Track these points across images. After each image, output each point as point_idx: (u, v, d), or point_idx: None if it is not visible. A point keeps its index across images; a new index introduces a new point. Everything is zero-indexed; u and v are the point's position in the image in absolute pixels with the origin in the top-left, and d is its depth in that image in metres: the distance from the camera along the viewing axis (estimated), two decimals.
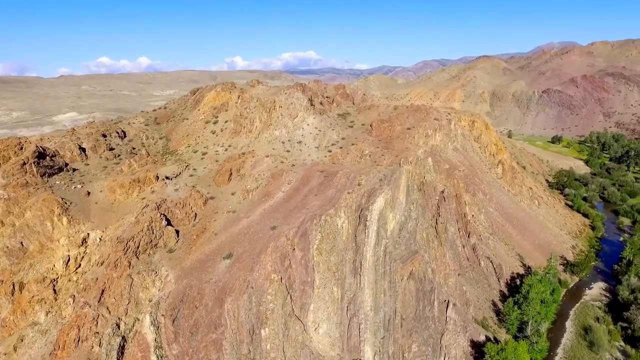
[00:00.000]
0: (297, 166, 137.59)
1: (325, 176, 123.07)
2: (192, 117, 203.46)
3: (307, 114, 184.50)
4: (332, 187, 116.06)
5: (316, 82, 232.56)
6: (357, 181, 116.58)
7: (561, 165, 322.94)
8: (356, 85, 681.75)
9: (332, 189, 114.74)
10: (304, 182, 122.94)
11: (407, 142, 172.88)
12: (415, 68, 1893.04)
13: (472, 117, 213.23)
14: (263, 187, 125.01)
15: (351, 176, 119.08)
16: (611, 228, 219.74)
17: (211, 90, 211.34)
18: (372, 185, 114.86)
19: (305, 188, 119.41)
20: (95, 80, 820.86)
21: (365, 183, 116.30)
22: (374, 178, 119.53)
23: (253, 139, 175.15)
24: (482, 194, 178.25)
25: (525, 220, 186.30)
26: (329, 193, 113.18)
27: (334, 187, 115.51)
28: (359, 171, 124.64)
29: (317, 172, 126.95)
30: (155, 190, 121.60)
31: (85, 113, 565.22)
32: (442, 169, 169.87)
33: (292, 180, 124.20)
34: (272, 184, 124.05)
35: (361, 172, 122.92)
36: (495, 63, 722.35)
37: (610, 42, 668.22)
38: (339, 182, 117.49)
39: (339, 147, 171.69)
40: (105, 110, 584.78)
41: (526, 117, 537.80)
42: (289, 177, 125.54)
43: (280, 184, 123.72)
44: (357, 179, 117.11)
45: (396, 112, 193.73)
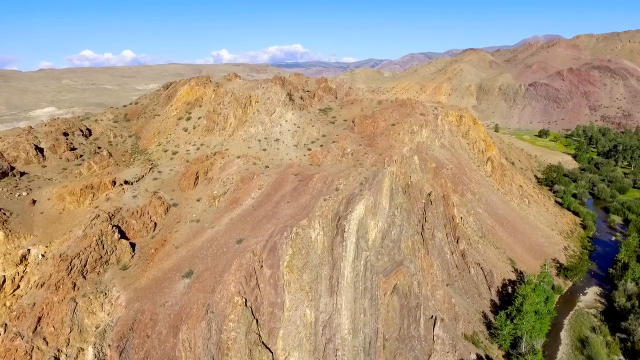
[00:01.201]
0: (271, 168, 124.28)
1: (299, 180, 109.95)
2: (164, 113, 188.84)
3: (285, 110, 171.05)
4: (307, 192, 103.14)
5: (297, 76, 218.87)
6: (334, 186, 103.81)
7: (549, 161, 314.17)
8: (342, 79, 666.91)
9: (306, 195, 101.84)
10: (276, 187, 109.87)
11: (392, 139, 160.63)
12: (402, 61, 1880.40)
13: (460, 112, 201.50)
14: (231, 193, 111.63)
15: (328, 180, 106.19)
16: (602, 227, 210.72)
17: (185, 85, 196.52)
18: (351, 190, 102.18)
19: (277, 194, 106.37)
20: (76, 74, 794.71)
21: (344, 188, 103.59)
22: (354, 182, 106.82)
23: (227, 137, 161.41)
24: (471, 194, 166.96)
25: (515, 221, 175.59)
26: (302, 200, 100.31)
27: (309, 193, 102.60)
28: (338, 174, 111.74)
29: (291, 175, 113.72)
30: (111, 197, 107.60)
31: (64, 108, 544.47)
32: (429, 167, 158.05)
33: (263, 184, 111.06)
34: (241, 189, 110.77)
35: (339, 175, 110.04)
36: (482, 56, 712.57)
37: (595, 35, 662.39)
38: (315, 187, 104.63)
39: (319, 145, 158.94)
40: (86, 104, 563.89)
41: (513, 111, 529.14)
42: (259, 181, 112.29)
43: (250, 189, 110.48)
44: (335, 184, 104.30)
45: (380, 107, 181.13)
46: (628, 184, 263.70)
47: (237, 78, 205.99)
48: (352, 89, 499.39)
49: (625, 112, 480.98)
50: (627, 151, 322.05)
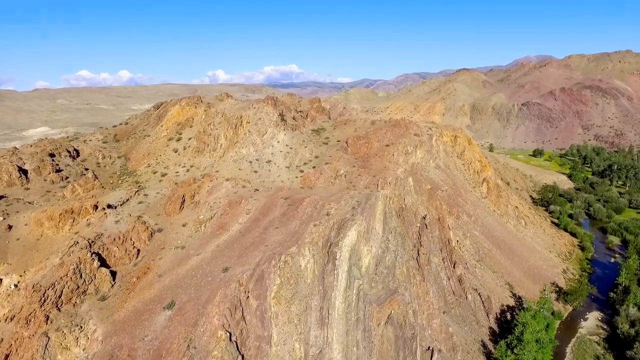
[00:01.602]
0: (261, 191, 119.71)
1: (289, 204, 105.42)
2: (155, 133, 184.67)
3: (277, 130, 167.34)
4: (297, 217, 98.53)
5: (290, 96, 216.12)
6: (325, 210, 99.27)
7: (545, 180, 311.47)
8: (336, 99, 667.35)
9: (296, 221, 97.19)
10: (265, 211, 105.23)
11: (386, 160, 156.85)
12: (396, 81, 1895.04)
13: (454, 132, 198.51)
14: (218, 218, 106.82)
15: (319, 204, 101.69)
16: (600, 248, 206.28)
17: (175, 105, 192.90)
18: (343, 215, 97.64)
19: (266, 219, 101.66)
20: (72, 93, 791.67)
21: (335, 212, 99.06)
22: (346, 206, 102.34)
23: (217, 159, 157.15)
24: (467, 216, 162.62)
25: (513, 243, 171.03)
26: (292, 225, 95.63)
27: (299, 218, 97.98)
28: (329, 198, 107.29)
29: (281, 199, 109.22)
30: (92, 222, 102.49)
31: (58, 128, 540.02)
32: (424, 189, 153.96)
33: (251, 209, 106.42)
34: (228, 214, 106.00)
35: (331, 199, 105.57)
36: (475, 76, 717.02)
37: (587, 55, 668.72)
38: (305, 211, 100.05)
39: (311, 166, 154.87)
40: (80, 124, 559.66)
41: (507, 130, 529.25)
42: (248, 205, 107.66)
43: (238, 214, 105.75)
44: (326, 208, 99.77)
45: (374, 128, 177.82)
46: (624, 203, 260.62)
47: (229, 98, 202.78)
48: (347, 109, 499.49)
49: (618, 132, 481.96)
50: (621, 170, 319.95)
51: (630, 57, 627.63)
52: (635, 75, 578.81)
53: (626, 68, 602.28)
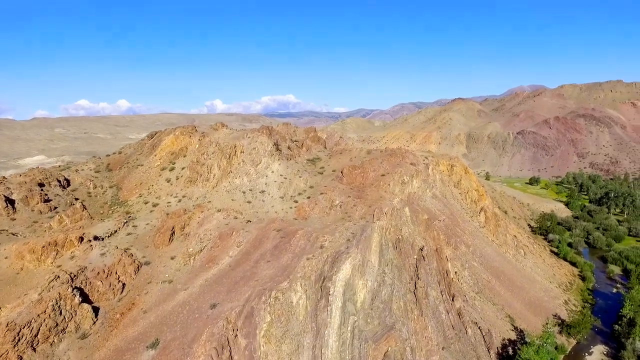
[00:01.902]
0: (253, 223, 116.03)
1: (281, 237, 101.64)
2: (148, 163, 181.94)
3: (272, 160, 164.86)
4: (289, 251, 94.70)
5: (285, 125, 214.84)
6: (319, 243, 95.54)
7: (542, 209, 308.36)
8: (333, 128, 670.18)
9: (288, 254, 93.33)
10: (256, 244, 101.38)
11: (382, 190, 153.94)
12: (392, 111, 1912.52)
13: (451, 161, 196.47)
14: (208, 251, 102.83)
15: (312, 236, 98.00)
16: (601, 277, 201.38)
17: (169, 134, 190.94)
18: (337, 248, 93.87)
19: (257, 252, 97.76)
20: (69, 122, 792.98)
21: (329, 245, 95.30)
22: (340, 238, 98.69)
23: (210, 189, 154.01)
24: (465, 247, 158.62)
25: (512, 274, 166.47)
26: (284, 259, 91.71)
27: (291, 252, 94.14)
28: (323, 229, 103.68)
29: (273, 231, 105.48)
30: (76, 255, 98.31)
31: (54, 156, 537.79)
32: (421, 219, 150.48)
33: (242, 241, 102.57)
34: (218, 247, 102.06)
35: (325, 231, 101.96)
36: (470, 105, 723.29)
37: (579, 85, 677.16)
38: (298, 244, 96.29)
39: (306, 196, 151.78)
40: (77, 153, 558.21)
41: (502, 159, 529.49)
42: (239, 237, 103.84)
43: (228, 247, 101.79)
44: (320, 240, 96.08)
45: (369, 157, 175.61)
46: (623, 232, 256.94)
47: (223, 128, 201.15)
48: (343, 138, 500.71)
49: (613, 159, 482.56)
50: (618, 198, 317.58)
51: (621, 86, 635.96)
52: (627, 105, 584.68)
53: (618, 97, 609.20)
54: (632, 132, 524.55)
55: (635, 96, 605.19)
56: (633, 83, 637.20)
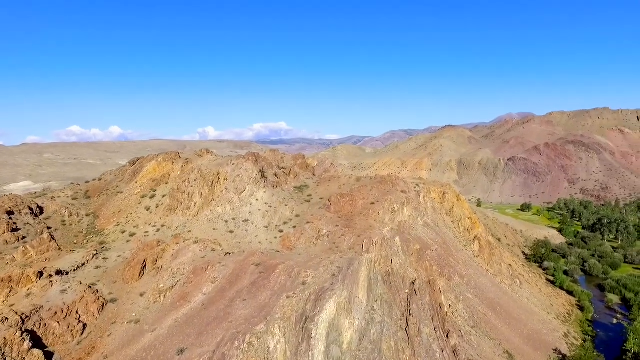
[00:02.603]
0: (232, 256, 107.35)
1: (260, 272, 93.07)
2: (128, 190, 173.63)
3: (256, 188, 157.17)
4: (268, 288, 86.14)
5: (273, 152, 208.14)
6: (301, 279, 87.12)
7: (535, 235, 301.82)
8: (324, 155, 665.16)
9: (266, 292, 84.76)
10: (233, 280, 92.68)
11: (371, 218, 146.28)
12: (383, 138, 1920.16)
13: (443, 188, 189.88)
14: (181, 287, 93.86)
15: (294, 272, 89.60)
16: (600, 307, 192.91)
17: (152, 160, 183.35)
18: (321, 284, 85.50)
19: (233, 289, 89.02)
20: (59, 148, 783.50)
21: (313, 281, 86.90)
22: (325, 273, 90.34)
23: (191, 218, 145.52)
24: (459, 277, 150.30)
25: (509, 306, 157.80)
26: (262, 297, 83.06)
27: (270, 289, 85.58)
28: (306, 264, 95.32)
29: (252, 265, 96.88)
30: (33, 292, 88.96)
31: (41, 182, 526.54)
32: (412, 249, 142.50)
33: (218, 277, 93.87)
34: (192, 283, 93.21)
35: (308, 265, 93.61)
36: (461, 132, 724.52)
37: (567, 112, 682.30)
38: (277, 280, 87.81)
39: (292, 226, 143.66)
40: (65, 179, 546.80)
41: (494, 185, 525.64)
42: (214, 272, 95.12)
43: (202, 283, 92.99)
44: (302, 276, 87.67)
45: (359, 185, 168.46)
46: (619, 259, 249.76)
47: (208, 154, 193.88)
48: (334, 165, 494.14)
49: (603, 185, 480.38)
50: (612, 224, 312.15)
51: (608, 113, 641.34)
52: (614, 131, 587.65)
53: (605, 124, 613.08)
54: (621, 158, 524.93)
55: (622, 123, 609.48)
56: (619, 110, 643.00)
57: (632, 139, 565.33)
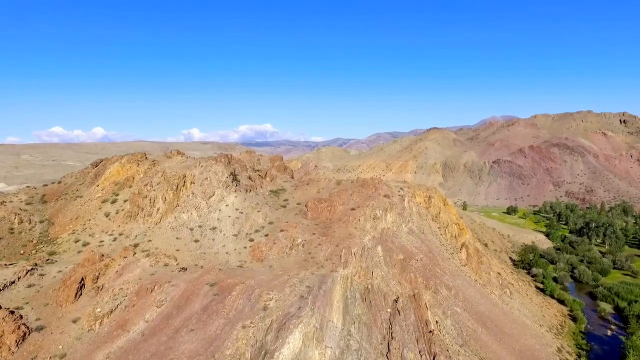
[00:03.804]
0: (187, 272, 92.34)
1: (215, 294, 78.33)
2: (88, 194, 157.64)
3: (227, 192, 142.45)
4: (221, 314, 71.71)
5: (248, 153, 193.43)
6: (262, 302, 72.81)
7: (523, 240, 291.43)
8: (307, 157, 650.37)
9: (219, 320, 70.31)
10: (182, 303, 78.04)
11: (351, 226, 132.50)
12: (369, 140, 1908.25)
13: (428, 192, 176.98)
14: (121, 312, 78.93)
15: (254, 294, 75.20)
16: (593, 317, 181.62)
17: (115, 162, 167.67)
18: (285, 309, 71.35)
19: (181, 315, 74.45)
20: (38, 149, 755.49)
21: (276, 305, 72.71)
22: (291, 294, 76.12)
23: (153, 225, 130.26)
24: (447, 289, 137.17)
25: (499, 319, 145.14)
26: (213, 327, 68.58)
27: (224, 316, 71.15)
28: (269, 283, 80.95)
29: (206, 285, 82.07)
30: None
31: (15, 184, 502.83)
32: (396, 260, 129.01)
33: (164, 300, 79.15)
34: (134, 307, 78.37)
35: (272, 285, 79.26)
36: (446, 135, 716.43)
37: (551, 115, 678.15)
38: (234, 305, 73.39)
39: (264, 234, 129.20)
40: (41, 181, 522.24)
41: (479, 188, 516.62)
42: (160, 294, 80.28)
43: (146, 307, 78.21)
44: (263, 299, 73.34)
45: (339, 189, 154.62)
46: (608, 264, 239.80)
47: (178, 155, 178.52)
48: (318, 167, 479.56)
49: (588, 188, 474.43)
50: (599, 228, 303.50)
51: (592, 117, 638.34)
52: (597, 134, 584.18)
53: (589, 127, 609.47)
54: (605, 161, 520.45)
55: (605, 126, 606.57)
56: (602, 113, 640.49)
57: (615, 142, 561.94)
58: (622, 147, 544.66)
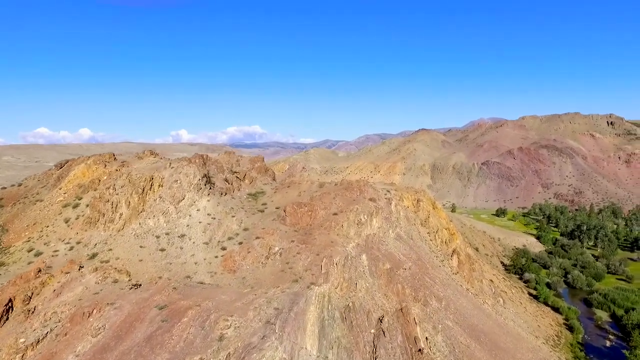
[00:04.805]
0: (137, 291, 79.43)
1: (163, 319, 65.45)
2: (49, 198, 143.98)
3: (199, 196, 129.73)
4: (167, 347, 59.15)
5: (227, 154, 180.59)
6: (218, 330, 60.30)
7: (513, 243, 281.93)
8: (295, 159, 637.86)
9: (163, 354, 57.68)
10: (123, 332, 65.25)
11: (334, 232, 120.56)
12: (358, 142, 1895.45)
13: (417, 195, 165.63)
14: (50, 342, 65.76)
15: (210, 319, 62.59)
16: (589, 326, 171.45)
17: (81, 163, 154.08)
18: (247, 339, 59.01)
19: (119, 348, 61.64)
20: (20, 150, 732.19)
21: (235, 334, 60.30)
22: (256, 319, 63.75)
23: (114, 232, 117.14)
24: (437, 301, 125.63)
25: (494, 332, 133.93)
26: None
27: (169, 349, 58.49)
28: (230, 306, 68.36)
29: (154, 309, 69.16)
30: None
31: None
32: (382, 269, 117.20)
33: (102, 327, 66.30)
34: (67, 335, 65.38)
35: (233, 308, 66.73)
36: (434, 136, 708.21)
37: (539, 116, 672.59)
38: (183, 335, 60.85)
39: (237, 242, 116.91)
40: None
41: (468, 190, 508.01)
42: (99, 320, 67.31)
43: (80, 337, 65.15)
44: (220, 326, 60.81)
45: (321, 192, 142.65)
46: (602, 269, 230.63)
47: (151, 156, 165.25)
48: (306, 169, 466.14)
49: (577, 190, 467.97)
50: (591, 231, 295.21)
51: (579, 118, 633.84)
52: (586, 136, 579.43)
53: (577, 129, 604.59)
54: (593, 162, 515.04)
55: (593, 128, 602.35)
56: (590, 115, 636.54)
57: (603, 144, 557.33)
58: (609, 149, 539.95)
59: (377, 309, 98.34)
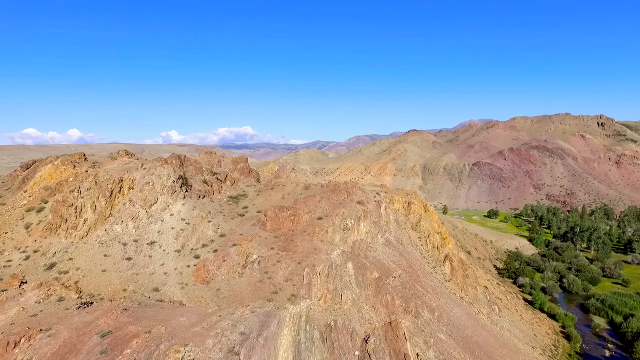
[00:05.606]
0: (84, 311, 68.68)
1: (102, 351, 54.58)
2: (13, 202, 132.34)
3: (173, 199, 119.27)
4: None
5: (208, 154, 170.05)
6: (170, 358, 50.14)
7: (506, 246, 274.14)
8: (285, 160, 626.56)
9: None
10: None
11: (317, 238, 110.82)
12: (348, 143, 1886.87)
13: (408, 197, 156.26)
14: None
15: (159, 351, 52.17)
16: (587, 334, 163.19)
17: (48, 164, 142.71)
18: None
19: None
20: (5, 151, 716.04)
21: None
22: (216, 348, 53.44)
23: (77, 240, 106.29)
24: (429, 312, 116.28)
25: (489, 344, 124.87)
26: None
27: None
28: (189, 329, 58.00)
29: (95, 336, 57.88)
30: None
31: None
32: (370, 279, 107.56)
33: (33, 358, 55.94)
34: None
35: (192, 333, 56.45)
36: (425, 137, 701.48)
37: (530, 117, 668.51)
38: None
39: (212, 249, 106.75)
40: None
41: (459, 191, 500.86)
42: (26, 352, 55.50)
43: None
44: (170, 358, 50.69)
45: (306, 194, 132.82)
46: (597, 272, 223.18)
47: (125, 156, 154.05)
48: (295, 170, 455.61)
49: (568, 191, 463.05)
50: (584, 233, 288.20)
51: (570, 119, 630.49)
52: (576, 136, 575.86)
53: (567, 129, 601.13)
54: (584, 163, 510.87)
55: (583, 128, 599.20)
56: (580, 116, 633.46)
57: (593, 145, 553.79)
58: (600, 150, 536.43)
59: (364, 323, 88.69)
